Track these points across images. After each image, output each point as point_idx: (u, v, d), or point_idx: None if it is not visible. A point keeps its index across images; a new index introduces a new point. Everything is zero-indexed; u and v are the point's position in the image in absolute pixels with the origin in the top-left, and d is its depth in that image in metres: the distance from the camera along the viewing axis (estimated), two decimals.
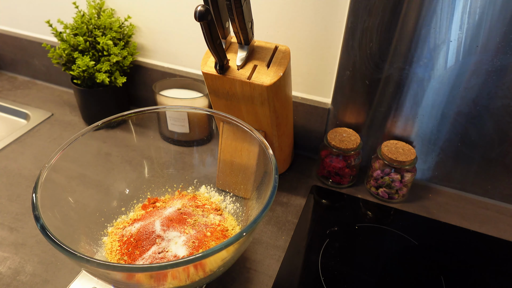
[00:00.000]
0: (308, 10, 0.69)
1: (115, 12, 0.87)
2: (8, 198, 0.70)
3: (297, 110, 0.79)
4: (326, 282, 0.58)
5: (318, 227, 0.68)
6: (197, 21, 0.47)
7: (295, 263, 0.61)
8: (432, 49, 0.64)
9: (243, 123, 0.59)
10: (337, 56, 0.72)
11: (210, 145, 0.72)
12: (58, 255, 0.60)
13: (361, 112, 0.75)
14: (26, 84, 1.06)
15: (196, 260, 0.39)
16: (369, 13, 0.64)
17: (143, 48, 0.90)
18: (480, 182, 0.74)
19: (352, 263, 0.62)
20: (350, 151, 0.72)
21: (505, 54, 0.61)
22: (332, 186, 0.77)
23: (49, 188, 0.49)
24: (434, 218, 0.71)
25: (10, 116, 0.96)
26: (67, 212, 0.52)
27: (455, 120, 0.69)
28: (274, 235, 0.66)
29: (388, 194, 0.73)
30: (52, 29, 0.83)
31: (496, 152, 0.70)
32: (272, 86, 0.58)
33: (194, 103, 0.80)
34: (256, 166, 0.62)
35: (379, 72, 0.69)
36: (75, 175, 0.56)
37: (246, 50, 0.59)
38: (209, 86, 0.63)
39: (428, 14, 0.61)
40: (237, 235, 0.42)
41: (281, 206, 0.72)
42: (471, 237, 0.67)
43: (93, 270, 0.41)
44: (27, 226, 0.65)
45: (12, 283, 0.57)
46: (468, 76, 0.64)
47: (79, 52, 0.83)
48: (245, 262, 0.61)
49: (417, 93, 0.69)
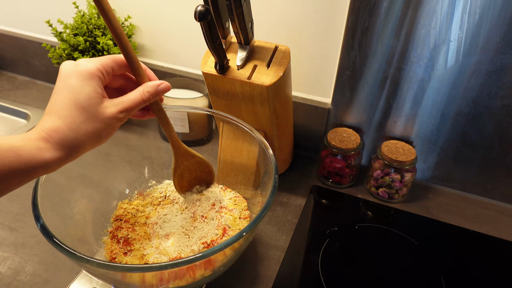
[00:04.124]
0: (308, 10, 0.69)
1: (115, 12, 0.87)
2: (8, 198, 0.70)
3: (297, 110, 0.79)
4: (326, 282, 0.58)
5: (318, 227, 0.68)
6: (197, 21, 0.47)
7: (295, 263, 0.61)
8: (432, 49, 0.64)
9: (243, 123, 0.59)
10: (337, 56, 0.72)
11: (210, 145, 0.72)
12: (58, 255, 0.60)
13: (361, 112, 0.75)
14: (26, 84, 1.06)
15: (196, 260, 0.39)
16: (369, 13, 0.64)
17: (143, 48, 0.90)
18: (480, 182, 0.74)
19: (352, 263, 0.62)
20: (350, 151, 0.72)
21: (505, 54, 0.61)
22: (332, 186, 0.77)
23: (49, 188, 0.49)
24: (434, 218, 0.71)
25: (10, 116, 0.96)
26: (67, 212, 0.52)
27: (455, 120, 0.69)
28: (274, 235, 0.66)
29: (388, 194, 0.73)
30: (52, 29, 0.83)
31: (496, 152, 0.70)
32: (272, 86, 0.58)
33: (194, 103, 0.80)
34: (256, 166, 0.62)
35: (379, 72, 0.69)
36: (75, 175, 0.56)
37: (246, 50, 0.59)
38: (209, 86, 0.63)
39: (428, 14, 0.61)
40: (237, 235, 0.42)
41: (281, 206, 0.72)
42: (471, 237, 0.67)
43: (93, 270, 0.41)
44: (27, 226, 0.65)
45: (12, 283, 0.57)
46: (468, 76, 0.64)
47: (79, 52, 0.83)
48: (245, 262, 0.61)
49: (417, 93, 0.69)
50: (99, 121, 0.39)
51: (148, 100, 0.43)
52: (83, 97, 0.38)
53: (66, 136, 0.37)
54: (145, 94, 0.42)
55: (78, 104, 0.38)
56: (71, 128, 0.37)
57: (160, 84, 0.44)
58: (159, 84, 0.44)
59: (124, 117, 0.41)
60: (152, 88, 0.43)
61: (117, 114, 0.40)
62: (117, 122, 0.41)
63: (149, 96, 0.43)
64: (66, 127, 0.37)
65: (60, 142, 0.37)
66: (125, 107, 0.41)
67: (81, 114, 0.38)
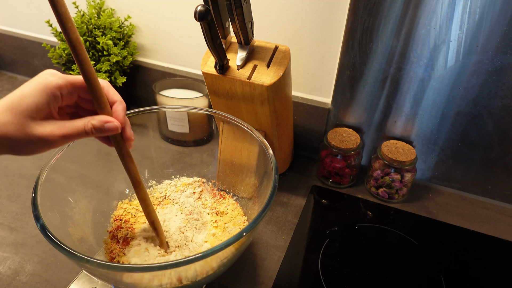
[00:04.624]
0: (308, 10, 0.69)
1: (115, 12, 0.87)
2: (8, 198, 0.70)
3: (297, 110, 0.79)
4: (326, 282, 0.58)
5: (318, 227, 0.68)
6: (197, 21, 0.47)
7: (295, 263, 0.61)
8: (432, 49, 0.64)
9: (243, 123, 0.59)
10: (337, 56, 0.72)
11: (210, 145, 0.72)
12: (58, 255, 0.60)
13: (361, 112, 0.75)
14: None
15: (196, 260, 0.39)
16: (369, 13, 0.64)
17: (143, 48, 0.90)
18: (480, 182, 0.74)
19: (352, 263, 0.62)
20: (350, 151, 0.72)
21: (505, 54, 0.61)
22: (332, 186, 0.77)
23: (49, 188, 0.49)
24: (434, 218, 0.71)
25: None
26: (67, 212, 0.52)
27: (455, 120, 0.69)
28: (274, 235, 0.66)
29: (388, 194, 0.73)
30: (52, 29, 0.83)
31: (496, 152, 0.70)
32: (272, 86, 0.58)
33: (194, 103, 0.80)
34: (256, 166, 0.62)
35: (379, 72, 0.69)
36: (75, 175, 0.56)
37: (246, 50, 0.59)
38: (209, 86, 0.63)
39: (428, 14, 0.61)
40: (237, 235, 0.42)
41: (281, 206, 0.72)
42: (471, 237, 0.67)
43: (93, 270, 0.41)
44: (27, 226, 0.65)
45: (12, 283, 0.57)
46: (468, 76, 0.64)
47: None
48: (245, 262, 0.61)
49: (417, 93, 0.69)
50: (21, 132, 0.37)
51: (90, 133, 0.40)
52: (22, 102, 0.37)
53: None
54: (88, 125, 0.40)
55: (11, 105, 0.37)
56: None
57: (108, 122, 0.41)
58: (108, 122, 0.41)
59: (57, 141, 0.38)
60: (99, 122, 0.40)
61: (47, 136, 0.38)
62: (43, 143, 0.38)
63: (92, 129, 0.40)
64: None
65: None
66: (63, 132, 0.38)
67: (8, 115, 0.37)
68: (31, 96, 0.37)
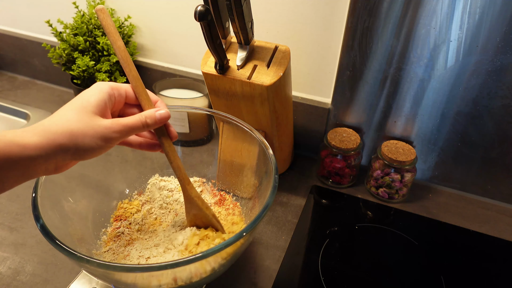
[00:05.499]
0: (308, 10, 0.69)
1: (115, 12, 0.87)
2: (8, 198, 0.70)
3: (297, 110, 0.79)
4: (326, 282, 0.58)
5: (318, 227, 0.68)
6: (197, 21, 0.47)
7: (295, 263, 0.61)
8: (432, 49, 0.64)
9: (243, 123, 0.59)
10: (337, 56, 0.72)
11: (210, 145, 0.72)
12: (58, 255, 0.60)
13: (361, 112, 0.75)
14: (26, 84, 1.06)
15: (196, 260, 0.39)
16: (369, 13, 0.64)
17: (143, 48, 0.90)
18: (480, 182, 0.74)
19: (352, 263, 0.62)
20: (350, 151, 0.72)
21: (505, 54, 0.61)
22: (332, 186, 0.77)
23: (49, 188, 0.49)
24: (434, 218, 0.71)
25: (10, 116, 0.96)
26: (67, 212, 0.52)
27: (455, 120, 0.69)
28: (274, 235, 0.66)
29: (388, 194, 0.73)
30: (52, 29, 0.83)
31: (496, 152, 0.70)
32: (272, 86, 0.58)
33: (194, 103, 0.80)
34: (256, 166, 0.62)
35: (379, 72, 0.69)
36: (75, 175, 0.56)
37: (246, 50, 0.59)
38: (209, 86, 0.63)
39: (428, 14, 0.61)
40: (237, 235, 0.42)
41: (281, 206, 0.72)
42: (471, 237, 0.67)
43: (93, 270, 0.41)
44: (27, 226, 0.65)
45: (12, 283, 0.57)
46: (468, 76, 0.64)
47: (79, 52, 0.83)
48: (245, 262, 0.61)
49: (417, 93, 0.69)
50: (87, 126, 0.39)
51: (145, 125, 0.43)
52: (87, 102, 0.40)
53: (47, 127, 0.38)
54: (142, 117, 0.43)
55: (74, 105, 0.40)
56: (56, 122, 0.38)
57: (158, 110, 0.45)
58: (158, 111, 0.45)
59: (116, 136, 0.41)
60: (151, 113, 0.44)
61: (110, 126, 0.40)
62: (106, 139, 0.40)
63: (146, 120, 0.43)
64: (53, 120, 0.38)
65: (42, 129, 0.37)
66: (122, 124, 0.41)
67: (73, 112, 0.39)
68: (93, 95, 0.41)
